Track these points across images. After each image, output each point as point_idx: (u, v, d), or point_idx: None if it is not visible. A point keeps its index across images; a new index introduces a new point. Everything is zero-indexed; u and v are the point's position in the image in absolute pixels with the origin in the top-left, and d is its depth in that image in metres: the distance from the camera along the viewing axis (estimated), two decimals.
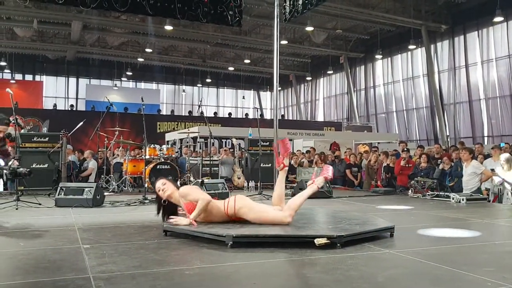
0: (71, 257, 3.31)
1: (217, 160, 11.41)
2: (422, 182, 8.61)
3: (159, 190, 4.25)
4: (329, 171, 4.34)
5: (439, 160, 9.71)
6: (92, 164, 10.48)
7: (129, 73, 27.72)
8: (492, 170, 7.94)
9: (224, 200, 4.24)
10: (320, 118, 29.01)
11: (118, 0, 7.62)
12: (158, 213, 4.33)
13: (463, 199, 7.29)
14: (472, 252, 3.67)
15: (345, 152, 12.82)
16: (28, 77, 28.07)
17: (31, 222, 5.10)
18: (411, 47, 20.34)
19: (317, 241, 3.51)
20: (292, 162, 12.28)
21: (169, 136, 17.91)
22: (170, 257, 3.30)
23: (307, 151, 13.34)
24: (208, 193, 7.39)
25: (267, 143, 10.81)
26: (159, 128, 21.40)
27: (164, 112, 27.48)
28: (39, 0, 8.27)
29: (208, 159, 10.54)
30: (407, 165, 9.89)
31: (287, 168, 4.41)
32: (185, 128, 18.97)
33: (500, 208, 7.11)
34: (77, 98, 29.23)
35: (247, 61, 27.07)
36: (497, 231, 4.89)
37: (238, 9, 8.77)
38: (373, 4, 18.59)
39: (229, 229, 3.85)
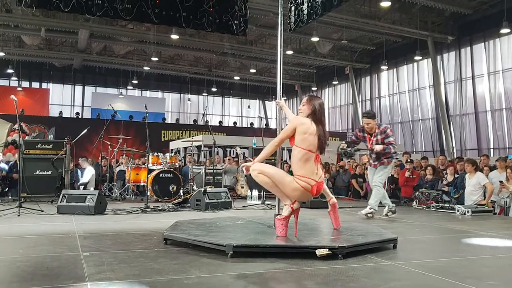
0: (70, 264, 3.28)
1: (220, 169, 11.38)
2: (426, 193, 8.54)
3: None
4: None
5: (445, 172, 9.66)
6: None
7: (135, 82, 27.81)
8: (501, 182, 7.85)
9: None
10: None
11: (123, 9, 7.64)
12: None
13: (468, 211, 7.21)
14: (476, 265, 3.62)
15: (349, 161, 12.76)
16: (35, 85, 28.22)
17: (32, 229, 5.09)
18: (417, 58, 20.29)
19: (319, 252, 3.47)
20: None
21: (173, 145, 17.93)
22: (169, 266, 3.26)
23: None
24: (210, 202, 7.45)
25: None
26: (164, 137, 21.44)
27: (169, 121, 27.53)
28: (45, 8, 8.29)
29: (212, 168, 10.52)
30: (411, 176, 9.82)
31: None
32: (189, 136, 19.01)
33: (506, 220, 7.03)
34: (83, 106, 29.35)
35: (252, 70, 27.11)
36: (502, 244, 4.81)
37: (244, 19, 8.77)
38: (379, 15, 18.59)
39: (230, 238, 3.82)
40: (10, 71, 24.47)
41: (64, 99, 29.17)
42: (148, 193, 8.47)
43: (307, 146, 3.86)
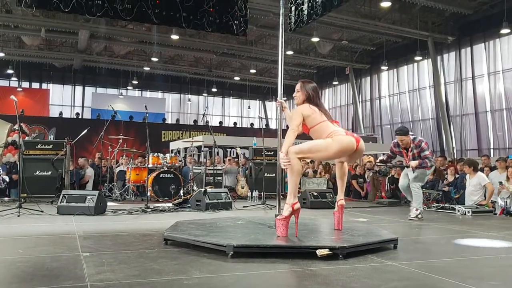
0: (69, 265, 3.27)
1: (221, 170, 11.38)
2: (427, 194, 8.53)
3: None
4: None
5: (445, 172, 9.65)
6: (89, 172, 10.50)
7: (135, 82, 27.80)
8: (501, 183, 7.84)
9: None
10: None
11: (123, 9, 7.63)
12: None
13: (468, 212, 7.20)
14: (477, 265, 3.61)
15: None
16: (35, 85, 28.18)
17: (32, 229, 5.08)
18: (417, 58, 20.29)
19: (319, 252, 3.46)
20: None
21: (173, 145, 17.92)
22: (169, 266, 3.25)
23: (311, 161, 13.28)
24: (210, 203, 7.44)
25: (271, 153, 10.76)
26: (164, 137, 21.44)
27: (169, 121, 27.52)
28: (45, 8, 8.29)
29: (212, 168, 10.51)
30: None
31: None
32: (190, 137, 19.00)
33: (506, 221, 7.01)
34: (83, 106, 29.33)
35: (253, 71, 27.11)
36: (502, 244, 4.80)
37: (244, 19, 8.77)
38: (379, 15, 18.59)
39: (230, 239, 3.81)
40: (10, 71, 24.45)
41: (64, 100, 29.14)
42: (148, 194, 8.45)
43: (318, 121, 4.06)
